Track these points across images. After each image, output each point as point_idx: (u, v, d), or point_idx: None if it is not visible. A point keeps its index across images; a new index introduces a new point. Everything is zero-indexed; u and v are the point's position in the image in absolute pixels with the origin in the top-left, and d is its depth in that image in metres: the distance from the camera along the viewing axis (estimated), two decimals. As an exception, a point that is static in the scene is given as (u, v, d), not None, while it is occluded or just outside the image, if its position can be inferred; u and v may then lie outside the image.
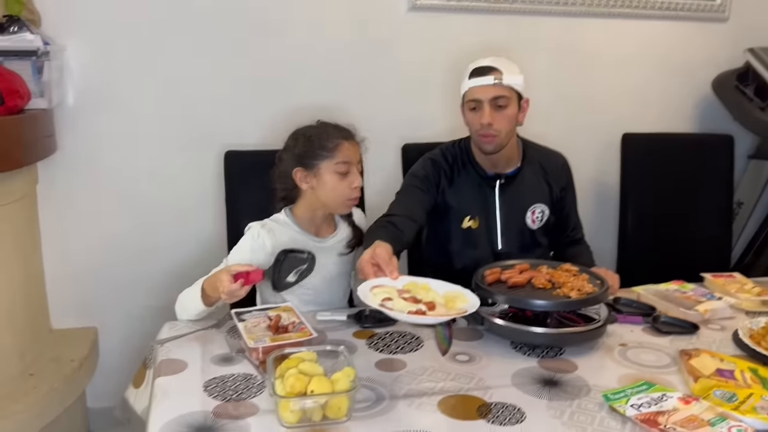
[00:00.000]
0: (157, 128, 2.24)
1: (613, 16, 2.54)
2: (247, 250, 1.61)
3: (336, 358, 1.27)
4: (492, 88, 1.72)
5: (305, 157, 1.62)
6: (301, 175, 1.63)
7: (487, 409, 1.18)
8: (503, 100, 1.73)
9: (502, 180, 1.85)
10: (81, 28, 2.12)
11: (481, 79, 1.73)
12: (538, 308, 1.42)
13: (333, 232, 1.73)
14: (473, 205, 1.86)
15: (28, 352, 2.03)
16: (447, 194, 1.86)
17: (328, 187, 1.61)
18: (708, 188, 2.46)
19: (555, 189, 1.92)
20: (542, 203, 1.90)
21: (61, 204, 2.21)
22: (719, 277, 1.86)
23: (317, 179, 1.62)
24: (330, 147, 1.60)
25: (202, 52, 2.23)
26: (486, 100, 1.73)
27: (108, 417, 2.22)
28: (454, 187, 1.86)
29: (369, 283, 1.34)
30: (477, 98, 1.74)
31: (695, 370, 1.30)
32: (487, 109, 1.73)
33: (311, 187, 1.63)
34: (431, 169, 1.86)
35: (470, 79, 1.75)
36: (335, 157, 1.60)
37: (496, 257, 1.83)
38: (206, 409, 1.16)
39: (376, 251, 1.40)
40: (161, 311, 1.75)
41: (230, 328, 1.49)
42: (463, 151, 1.89)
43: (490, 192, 1.86)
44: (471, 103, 1.76)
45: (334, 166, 1.60)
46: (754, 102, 2.52)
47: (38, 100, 1.97)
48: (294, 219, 1.68)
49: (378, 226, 1.69)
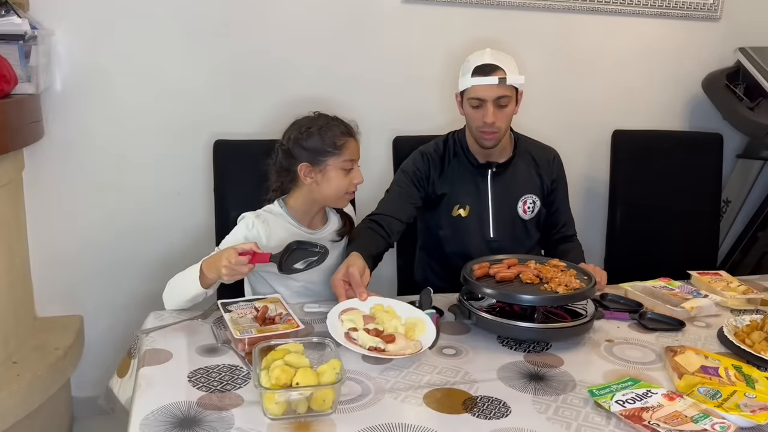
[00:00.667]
0: (146, 115, 2.22)
1: (606, 13, 2.54)
2: (241, 239, 1.60)
3: (323, 349, 1.27)
4: (496, 89, 1.74)
5: (313, 152, 1.60)
6: (306, 170, 1.61)
7: (472, 402, 1.18)
8: (505, 99, 1.76)
9: (494, 168, 1.88)
10: (69, 13, 2.09)
11: (485, 79, 1.74)
12: (526, 303, 1.42)
13: (324, 224, 1.73)
14: (464, 194, 1.89)
15: (12, 339, 2.01)
16: (437, 185, 1.88)
17: (333, 183, 1.61)
18: (696, 186, 2.47)
19: (546, 181, 1.94)
20: (533, 194, 1.93)
21: (47, 191, 2.19)
22: (706, 275, 1.87)
23: (322, 175, 1.61)
24: (339, 145, 1.59)
25: (192, 40, 2.21)
26: (490, 100, 1.75)
27: (93, 406, 2.22)
28: (444, 177, 1.89)
29: (339, 307, 1.43)
30: (480, 97, 1.76)
31: (680, 367, 1.31)
32: (490, 108, 1.75)
33: (315, 182, 1.62)
34: (420, 162, 1.89)
35: (473, 77, 1.75)
36: (343, 155, 1.60)
37: (487, 245, 1.86)
38: (190, 399, 1.15)
39: (349, 270, 1.50)
40: (148, 300, 1.74)
41: (216, 319, 1.48)
42: (456, 142, 1.92)
43: (482, 180, 1.89)
44: (473, 101, 1.77)
45: (341, 164, 1.60)
46: (743, 102, 2.53)
47: (25, 84, 1.94)
48: (288, 210, 1.67)
49: (365, 227, 1.75)
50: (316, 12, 2.29)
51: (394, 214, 1.80)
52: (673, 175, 2.44)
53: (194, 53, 2.22)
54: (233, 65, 2.26)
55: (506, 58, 1.78)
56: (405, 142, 2.13)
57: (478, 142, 1.84)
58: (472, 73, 1.75)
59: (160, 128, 2.24)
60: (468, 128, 1.87)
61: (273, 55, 2.28)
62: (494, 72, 1.74)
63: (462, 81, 1.80)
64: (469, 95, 1.78)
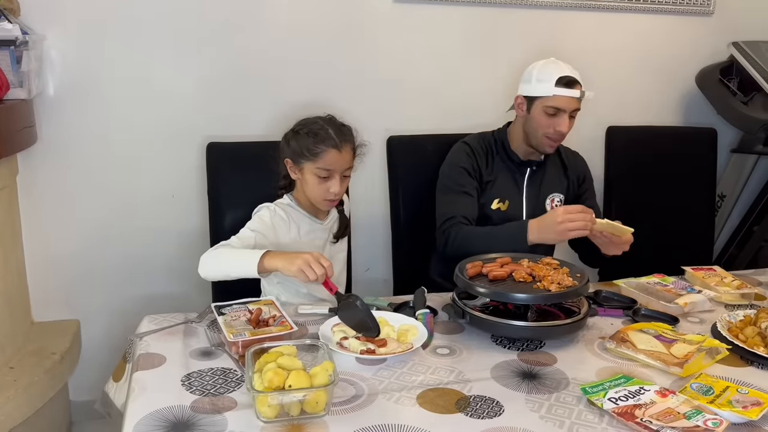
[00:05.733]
0: (139, 119, 2.22)
1: (598, 9, 2.54)
2: (268, 222, 1.66)
3: (316, 351, 1.27)
4: (576, 102, 1.85)
5: (294, 151, 1.67)
6: (289, 165, 1.69)
7: (465, 402, 1.19)
8: (576, 111, 1.88)
9: (534, 167, 1.97)
10: (60, 18, 2.09)
11: (569, 91, 1.83)
12: (519, 301, 1.42)
13: (327, 215, 1.79)
14: (504, 189, 1.96)
15: (9, 344, 2.01)
16: (484, 176, 1.96)
17: (309, 185, 1.67)
18: (691, 181, 2.47)
19: (573, 181, 2.05)
20: (560, 193, 2.03)
21: (41, 195, 2.19)
22: (700, 270, 1.87)
23: (301, 175, 1.68)
24: (314, 152, 1.63)
25: (184, 42, 2.20)
26: (568, 111, 1.85)
27: (90, 410, 2.20)
28: (489, 169, 1.96)
29: (330, 322, 1.44)
30: (561, 107, 1.84)
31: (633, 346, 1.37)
32: (566, 120, 1.85)
33: (298, 179, 1.70)
34: (471, 155, 1.95)
35: (557, 87, 1.83)
36: (317, 163, 1.63)
37: None
38: (184, 403, 1.16)
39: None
40: (144, 303, 1.75)
41: (211, 322, 1.49)
42: (498, 141, 2.00)
43: (520, 177, 1.98)
44: (550, 109, 1.85)
45: (315, 170, 1.64)
46: (737, 96, 2.53)
47: (17, 90, 1.94)
48: (297, 203, 1.74)
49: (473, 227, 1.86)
50: (308, 13, 2.28)
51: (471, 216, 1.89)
52: (668, 171, 2.44)
53: (186, 56, 2.22)
54: (225, 67, 2.25)
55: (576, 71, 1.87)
56: (398, 142, 2.13)
57: (539, 147, 1.91)
58: (555, 83, 1.82)
59: (153, 131, 2.24)
60: (528, 131, 1.91)
61: (266, 56, 2.28)
62: (575, 86, 1.84)
63: (538, 87, 1.85)
64: (547, 103, 1.84)
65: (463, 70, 2.47)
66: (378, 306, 1.56)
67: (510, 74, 2.49)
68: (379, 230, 2.42)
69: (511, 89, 2.31)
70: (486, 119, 2.22)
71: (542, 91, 1.85)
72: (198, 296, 1.88)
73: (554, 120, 1.85)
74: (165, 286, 2.31)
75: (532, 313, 1.45)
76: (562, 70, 1.85)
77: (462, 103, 2.48)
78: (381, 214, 2.35)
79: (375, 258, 2.48)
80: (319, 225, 1.75)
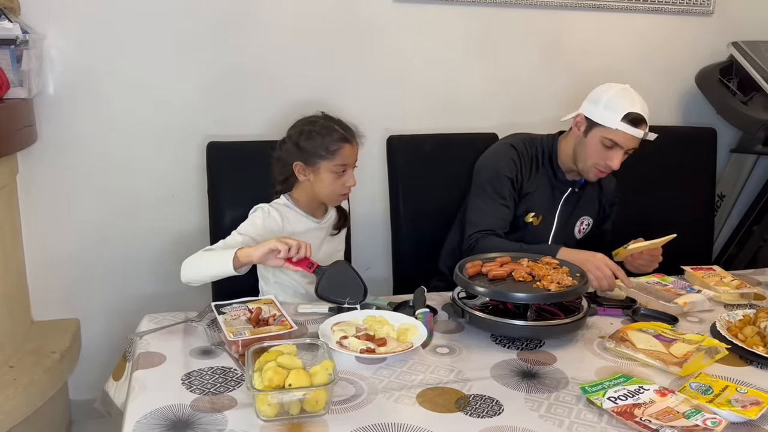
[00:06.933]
0: (139, 118, 2.22)
1: (599, 9, 2.54)
2: (260, 225, 1.66)
3: (316, 350, 1.27)
4: (636, 141, 1.77)
5: (307, 153, 1.66)
6: (300, 168, 1.69)
7: (465, 401, 1.19)
8: (632, 150, 1.80)
9: (576, 188, 1.93)
10: (61, 17, 2.09)
11: (634, 130, 1.74)
12: (518, 301, 1.43)
13: (326, 213, 1.80)
14: (541, 204, 1.91)
15: (8, 343, 2.01)
16: (524, 187, 1.90)
17: (325, 183, 1.68)
18: (691, 181, 2.47)
19: (605, 206, 2.03)
20: (590, 216, 2.00)
21: (41, 195, 2.19)
22: (699, 270, 1.88)
23: (315, 175, 1.68)
24: (332, 150, 1.64)
25: (184, 41, 2.20)
26: (625, 149, 1.78)
27: (90, 409, 2.20)
28: (530, 180, 1.91)
29: (331, 321, 1.44)
30: (620, 143, 1.77)
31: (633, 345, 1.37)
32: (621, 155, 1.78)
33: (308, 181, 1.70)
34: (517, 166, 1.88)
35: (623, 122, 1.74)
36: (335, 160, 1.65)
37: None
38: (184, 402, 1.16)
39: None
40: (143, 302, 1.75)
41: (211, 321, 1.49)
42: (545, 152, 1.93)
43: (559, 195, 1.93)
44: (608, 141, 1.77)
45: (333, 167, 1.66)
46: (736, 96, 2.53)
47: (17, 89, 1.93)
48: (294, 203, 1.74)
49: (505, 242, 1.81)
50: (308, 13, 2.28)
51: (505, 230, 1.86)
52: (668, 170, 2.44)
53: (187, 55, 2.22)
54: (226, 67, 2.25)
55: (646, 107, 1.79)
56: (398, 141, 2.13)
57: (584, 172, 1.86)
58: (622, 117, 1.74)
59: (153, 130, 2.24)
60: (578, 153, 1.85)
61: (266, 56, 2.28)
62: (642, 125, 1.75)
63: (605, 115, 1.76)
64: (608, 135, 1.76)
65: (463, 70, 2.47)
66: (378, 305, 1.56)
67: (510, 74, 2.51)
68: (379, 229, 2.42)
69: (511, 89, 2.33)
70: (486, 119, 2.23)
71: (607, 120, 1.75)
72: (198, 295, 1.88)
73: (609, 153, 1.77)
74: (165, 285, 2.31)
75: (532, 312, 1.45)
76: (634, 105, 1.76)
77: (462, 103, 2.48)
78: (381, 213, 2.35)
79: (375, 257, 2.48)
80: (316, 224, 1.75)
